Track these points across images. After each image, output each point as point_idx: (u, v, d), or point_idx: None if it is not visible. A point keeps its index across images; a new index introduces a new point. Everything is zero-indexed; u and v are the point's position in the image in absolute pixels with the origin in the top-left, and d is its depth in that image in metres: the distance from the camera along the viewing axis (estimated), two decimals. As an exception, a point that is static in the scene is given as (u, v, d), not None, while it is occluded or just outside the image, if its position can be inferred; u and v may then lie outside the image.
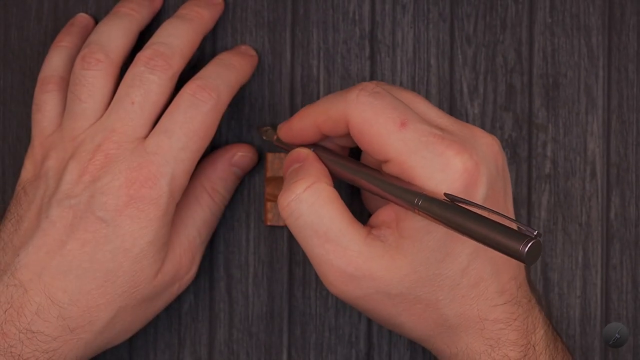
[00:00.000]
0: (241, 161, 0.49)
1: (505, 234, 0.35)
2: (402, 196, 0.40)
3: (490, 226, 0.36)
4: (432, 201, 0.38)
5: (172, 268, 0.46)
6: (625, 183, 0.49)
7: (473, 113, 0.49)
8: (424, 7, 0.49)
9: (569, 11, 0.49)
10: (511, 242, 0.35)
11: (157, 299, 0.46)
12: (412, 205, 0.39)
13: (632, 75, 0.49)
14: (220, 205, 0.48)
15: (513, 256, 0.35)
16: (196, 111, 0.44)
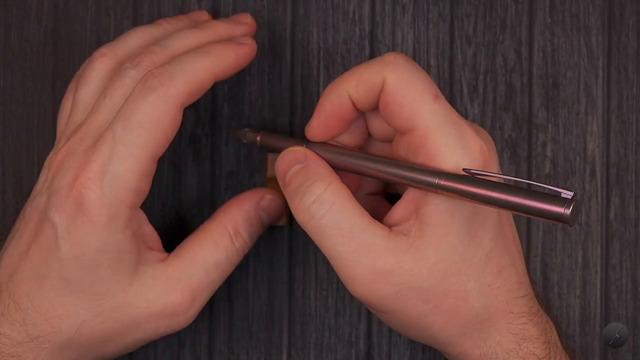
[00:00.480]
0: (269, 205, 0.46)
1: (546, 199, 0.35)
2: (422, 177, 0.39)
3: (526, 194, 0.36)
4: (456, 178, 0.38)
5: (161, 301, 0.42)
6: (625, 183, 0.49)
7: (473, 113, 0.49)
8: (424, 7, 0.49)
9: (568, 11, 0.49)
10: (554, 206, 0.35)
11: (135, 326, 0.42)
12: (434, 186, 0.38)
13: (632, 75, 0.49)
14: (239, 251, 0.44)
15: (557, 219, 0.35)
16: (141, 101, 0.40)
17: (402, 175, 0.40)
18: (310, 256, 0.49)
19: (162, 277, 0.42)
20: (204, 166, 0.49)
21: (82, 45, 0.50)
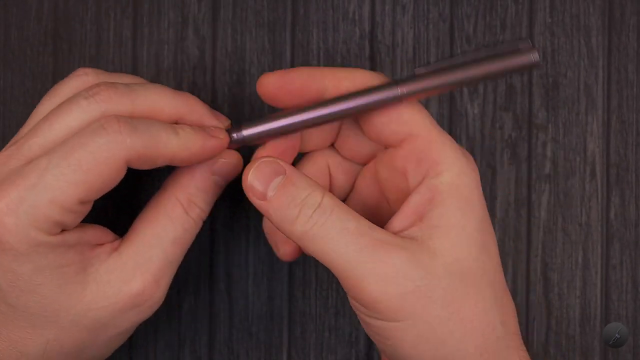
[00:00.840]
0: (224, 168, 0.42)
1: (512, 55, 0.37)
2: (384, 95, 0.39)
3: (493, 59, 0.37)
4: (415, 79, 0.38)
5: (122, 291, 0.40)
6: (625, 183, 0.49)
7: (473, 113, 0.49)
8: (424, 7, 0.49)
9: (568, 11, 0.49)
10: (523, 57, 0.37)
11: (102, 325, 0.40)
12: (398, 97, 0.39)
13: (632, 75, 0.49)
14: (196, 221, 0.41)
15: (529, 67, 0.37)
16: (92, 139, 0.37)
17: (365, 103, 0.39)
18: (311, 256, 0.49)
19: (117, 269, 0.40)
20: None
21: (82, 45, 0.50)
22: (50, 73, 0.50)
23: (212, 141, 0.40)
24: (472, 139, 0.49)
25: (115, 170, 0.38)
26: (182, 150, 0.39)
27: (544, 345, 0.49)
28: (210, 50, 0.50)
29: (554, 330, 0.49)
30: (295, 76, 0.40)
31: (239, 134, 0.41)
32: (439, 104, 0.49)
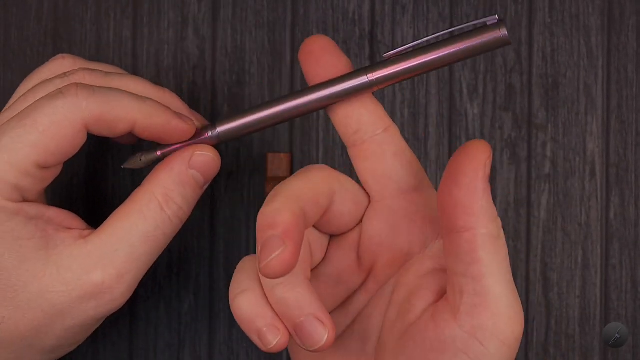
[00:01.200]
0: (200, 162, 0.40)
1: (480, 33, 0.36)
2: (353, 83, 0.38)
3: (461, 38, 0.37)
4: (384, 64, 0.38)
5: (81, 281, 0.39)
6: (625, 183, 0.49)
7: (473, 113, 0.49)
8: (424, 7, 0.49)
9: (568, 11, 0.49)
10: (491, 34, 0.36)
11: (60, 312, 0.39)
12: (369, 85, 0.38)
13: (632, 75, 0.49)
14: (172, 219, 0.40)
15: (499, 45, 0.36)
16: (48, 102, 0.38)
17: (336, 92, 0.38)
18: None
19: (81, 256, 0.39)
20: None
21: (82, 45, 0.50)
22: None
23: (178, 121, 0.40)
24: (471, 139, 0.49)
25: (72, 132, 0.38)
26: (144, 117, 0.39)
27: (544, 345, 0.49)
28: (210, 50, 0.50)
29: (553, 330, 0.49)
30: None
31: (214, 132, 0.40)
32: (439, 103, 0.49)
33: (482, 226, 0.34)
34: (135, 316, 0.50)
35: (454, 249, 0.34)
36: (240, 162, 0.49)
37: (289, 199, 0.34)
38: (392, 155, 0.38)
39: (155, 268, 0.49)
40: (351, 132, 0.38)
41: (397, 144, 0.38)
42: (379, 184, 0.38)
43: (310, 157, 0.49)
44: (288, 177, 0.48)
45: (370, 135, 0.38)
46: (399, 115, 0.49)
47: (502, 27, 0.36)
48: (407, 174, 0.38)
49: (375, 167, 0.38)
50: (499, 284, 0.34)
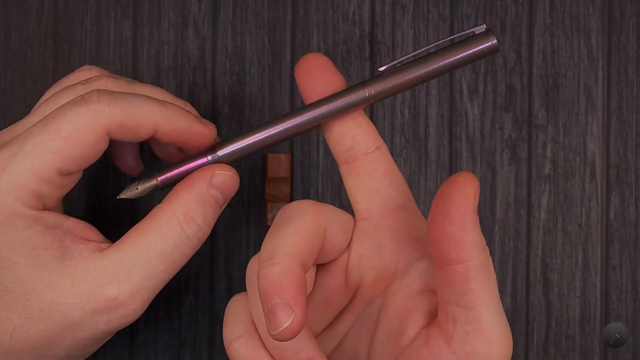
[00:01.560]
0: (221, 182, 0.40)
1: (471, 43, 0.38)
2: (352, 98, 0.39)
3: (452, 49, 0.38)
4: (380, 78, 0.39)
5: (94, 294, 0.39)
6: (625, 184, 0.49)
7: (473, 114, 0.49)
8: (424, 7, 0.49)
9: (568, 12, 0.49)
10: (481, 44, 0.38)
11: (72, 324, 0.39)
12: (367, 99, 0.39)
13: (632, 76, 0.49)
14: (191, 239, 0.40)
15: (488, 53, 0.38)
16: (70, 109, 0.38)
17: (335, 108, 0.39)
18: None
19: (96, 270, 0.39)
20: (204, 166, 0.49)
21: (82, 46, 0.50)
22: (51, 73, 0.50)
23: (199, 125, 0.40)
24: (472, 139, 0.49)
25: (94, 139, 0.38)
26: (166, 121, 0.39)
27: (544, 345, 0.49)
28: (210, 50, 0.50)
29: (553, 330, 0.49)
30: None
31: (214, 156, 0.40)
32: (439, 104, 0.49)
33: (473, 258, 0.34)
34: (135, 316, 0.50)
35: (447, 280, 0.35)
36: (240, 162, 0.49)
37: (289, 258, 0.34)
38: (383, 173, 0.39)
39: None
40: (344, 148, 0.39)
41: (387, 162, 0.39)
42: (368, 201, 0.39)
43: (310, 158, 0.49)
44: (288, 177, 0.48)
45: (362, 152, 0.39)
46: (399, 115, 0.49)
47: (491, 36, 0.38)
48: (396, 192, 0.39)
49: (365, 184, 0.39)
50: (490, 312, 0.35)
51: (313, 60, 0.39)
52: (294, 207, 0.37)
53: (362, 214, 0.39)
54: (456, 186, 0.34)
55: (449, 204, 0.34)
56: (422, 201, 0.49)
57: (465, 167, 0.49)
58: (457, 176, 0.34)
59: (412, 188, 0.49)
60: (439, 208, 0.34)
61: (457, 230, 0.34)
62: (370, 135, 0.39)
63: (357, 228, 0.39)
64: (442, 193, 0.34)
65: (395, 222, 0.39)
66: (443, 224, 0.34)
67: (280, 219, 0.36)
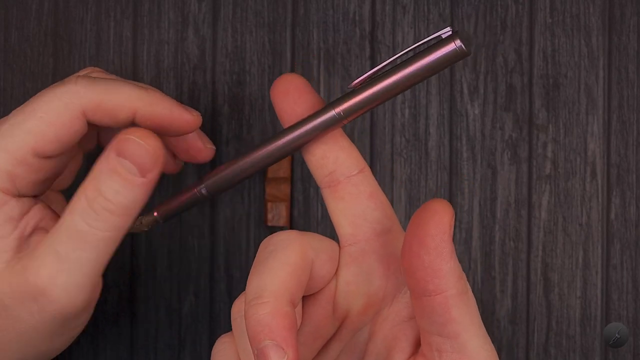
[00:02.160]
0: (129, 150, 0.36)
1: (435, 48, 0.35)
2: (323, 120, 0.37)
3: (417, 57, 0.36)
4: (349, 96, 0.37)
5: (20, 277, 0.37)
6: (626, 183, 0.49)
7: (473, 113, 0.49)
8: (424, 7, 0.49)
9: (569, 12, 0.49)
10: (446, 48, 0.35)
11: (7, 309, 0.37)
12: (338, 119, 0.37)
13: (633, 75, 0.49)
14: (100, 213, 0.36)
15: (457, 57, 0.35)
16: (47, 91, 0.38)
17: (305, 132, 0.37)
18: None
19: (25, 257, 0.37)
20: (204, 166, 0.49)
21: (82, 46, 0.50)
22: (50, 73, 0.50)
23: (181, 110, 0.39)
24: (472, 139, 0.49)
25: (69, 119, 0.37)
26: (145, 105, 0.38)
27: (544, 345, 0.49)
28: (210, 50, 0.50)
29: (554, 330, 0.49)
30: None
31: (200, 187, 0.39)
32: (439, 104, 0.49)
33: (451, 287, 0.34)
34: (135, 316, 0.50)
35: (427, 311, 0.34)
36: (241, 162, 0.49)
37: (277, 297, 0.33)
38: (368, 196, 0.38)
39: (155, 268, 0.49)
40: (327, 172, 0.38)
41: (372, 185, 0.38)
42: (354, 226, 0.38)
43: (311, 158, 0.49)
44: (287, 177, 0.48)
45: (345, 175, 0.38)
46: (400, 115, 0.49)
47: (456, 39, 0.35)
48: (382, 215, 0.38)
49: (350, 208, 0.38)
50: (475, 337, 0.34)
51: (290, 82, 0.37)
52: (278, 239, 0.35)
53: (347, 239, 0.38)
54: (431, 214, 0.33)
55: (424, 232, 0.33)
56: (423, 201, 0.49)
57: (466, 166, 0.49)
58: (432, 204, 0.33)
59: (413, 188, 0.49)
60: (414, 236, 0.33)
61: (434, 260, 0.33)
62: (352, 157, 0.38)
63: (344, 254, 0.38)
64: (417, 221, 0.33)
65: (382, 247, 0.37)
66: (419, 253, 0.33)
67: (264, 253, 0.35)
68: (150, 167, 0.36)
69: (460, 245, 0.49)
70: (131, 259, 0.50)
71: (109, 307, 0.50)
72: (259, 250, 0.35)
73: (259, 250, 0.35)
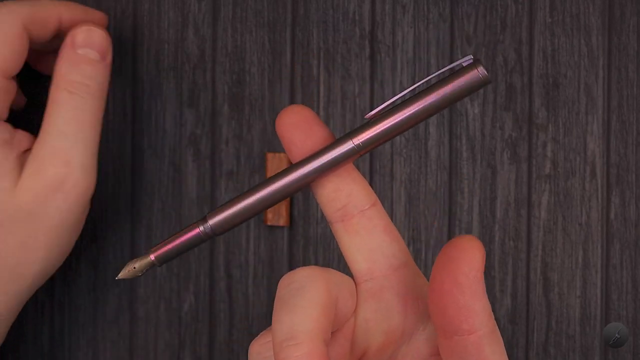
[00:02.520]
0: (86, 39, 0.45)
1: (457, 77, 0.34)
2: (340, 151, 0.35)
3: (438, 86, 0.34)
4: (366, 127, 0.35)
5: (38, 180, 0.43)
6: (625, 183, 0.49)
7: (473, 113, 0.49)
8: (424, 7, 0.49)
9: (569, 11, 0.49)
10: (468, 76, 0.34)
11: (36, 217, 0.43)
12: (355, 150, 0.35)
13: (632, 75, 0.49)
14: (84, 97, 0.44)
15: (479, 86, 0.34)
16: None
17: (322, 165, 0.36)
18: (310, 256, 0.49)
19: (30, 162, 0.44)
20: (204, 166, 0.49)
21: (82, 45, 0.50)
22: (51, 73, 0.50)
23: (93, 11, 0.47)
24: (472, 139, 0.49)
25: (18, 34, 0.44)
26: (66, 10, 0.45)
27: (544, 345, 0.49)
28: (211, 50, 0.50)
29: (554, 330, 0.49)
30: None
31: (206, 226, 0.37)
32: (439, 103, 0.49)
33: (484, 325, 0.33)
34: (135, 316, 0.50)
35: (457, 350, 0.33)
36: (240, 162, 0.49)
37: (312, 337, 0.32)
38: (383, 229, 0.36)
39: (155, 268, 0.49)
40: (339, 206, 0.36)
41: (385, 218, 0.37)
42: (370, 261, 0.36)
43: (311, 157, 0.49)
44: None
45: (359, 209, 0.36)
46: (399, 115, 0.49)
47: (479, 66, 0.34)
48: (398, 249, 0.36)
49: (366, 243, 0.36)
50: None
51: (298, 113, 0.36)
52: (302, 275, 0.34)
53: (364, 274, 0.36)
54: (462, 251, 0.32)
55: (457, 270, 0.32)
56: (422, 201, 0.49)
57: (466, 166, 0.49)
58: (461, 241, 0.32)
59: (413, 188, 0.49)
60: (446, 274, 0.32)
61: (468, 299, 0.32)
62: (365, 190, 0.37)
63: (361, 290, 0.36)
64: (447, 259, 0.32)
65: (400, 282, 0.36)
66: (452, 292, 0.32)
67: (288, 291, 0.33)
68: (106, 48, 0.45)
69: (460, 244, 0.49)
70: (131, 259, 0.50)
71: (109, 307, 0.50)
72: (281, 287, 0.34)
73: (280, 287, 0.34)
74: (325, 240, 0.49)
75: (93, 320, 0.50)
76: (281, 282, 0.34)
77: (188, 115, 0.49)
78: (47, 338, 0.50)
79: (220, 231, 0.37)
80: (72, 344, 0.50)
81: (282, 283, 0.34)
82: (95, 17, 0.47)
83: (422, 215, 0.49)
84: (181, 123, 0.50)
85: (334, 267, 0.49)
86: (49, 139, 0.44)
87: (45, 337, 0.50)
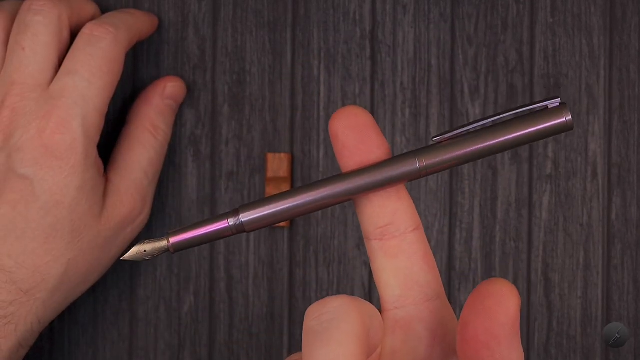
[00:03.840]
0: (173, 92, 0.48)
1: (541, 118, 0.32)
2: (402, 169, 0.33)
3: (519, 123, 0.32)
4: (434, 150, 0.33)
5: (120, 212, 0.46)
6: (627, 183, 0.49)
7: (474, 113, 0.49)
8: (425, 7, 0.49)
9: (570, 11, 0.49)
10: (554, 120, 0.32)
11: (109, 244, 0.46)
12: (418, 171, 0.33)
13: (634, 75, 0.49)
14: (162, 142, 0.48)
15: (561, 130, 0.32)
16: (95, 47, 0.44)
17: (380, 180, 0.33)
18: (311, 257, 0.49)
19: (112, 194, 0.46)
20: (204, 166, 0.49)
21: (82, 45, 0.50)
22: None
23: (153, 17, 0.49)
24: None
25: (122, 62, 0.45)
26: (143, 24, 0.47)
27: (545, 345, 0.49)
28: (210, 50, 0.50)
29: (555, 331, 0.49)
30: None
31: (236, 220, 0.34)
32: (439, 104, 0.49)
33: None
34: (135, 316, 0.50)
35: None
36: (241, 162, 0.49)
37: None
38: (422, 257, 0.34)
39: (155, 268, 0.49)
40: (382, 224, 0.33)
41: (425, 245, 0.34)
42: (405, 288, 0.34)
43: (311, 158, 0.49)
44: (288, 177, 0.48)
45: (401, 231, 0.34)
46: (400, 115, 0.49)
47: (566, 112, 0.32)
48: (433, 279, 0.34)
49: (403, 269, 0.34)
50: None
51: (356, 116, 0.33)
52: (334, 306, 0.31)
53: (394, 301, 0.34)
54: (498, 300, 0.30)
55: (494, 321, 0.30)
56: (423, 201, 0.49)
57: (466, 166, 0.49)
58: (495, 287, 0.30)
59: (413, 188, 0.49)
60: (480, 323, 0.30)
61: (505, 351, 0.30)
62: (411, 211, 0.34)
63: (388, 319, 0.34)
64: (480, 307, 0.30)
65: (431, 313, 0.34)
66: (489, 344, 0.30)
67: (319, 323, 0.31)
68: (182, 100, 0.49)
69: (461, 245, 0.49)
70: (131, 259, 0.50)
71: (109, 307, 0.50)
72: (310, 318, 0.31)
73: (309, 318, 0.31)
74: (326, 240, 0.49)
75: (93, 320, 0.50)
76: (310, 312, 0.31)
77: (188, 116, 0.49)
78: (47, 338, 0.50)
79: (249, 228, 0.34)
80: (72, 344, 0.50)
81: (312, 314, 0.31)
82: (155, 24, 0.49)
83: (423, 216, 0.49)
84: (181, 123, 0.50)
85: (333, 268, 0.49)
86: (132, 174, 0.47)
87: (45, 337, 0.50)
